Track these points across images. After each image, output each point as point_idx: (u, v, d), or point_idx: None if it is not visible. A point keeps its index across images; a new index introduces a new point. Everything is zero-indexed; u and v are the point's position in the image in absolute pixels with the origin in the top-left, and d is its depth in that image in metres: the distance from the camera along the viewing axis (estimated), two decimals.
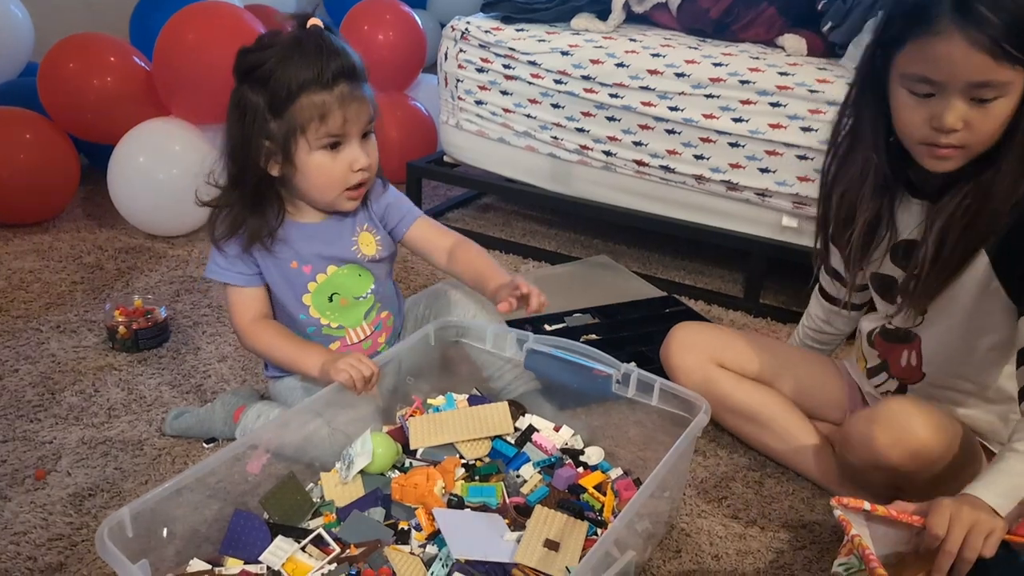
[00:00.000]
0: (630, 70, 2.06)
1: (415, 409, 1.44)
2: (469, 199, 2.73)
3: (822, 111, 1.86)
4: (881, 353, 1.37)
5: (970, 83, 1.04)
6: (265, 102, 1.27)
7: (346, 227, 1.42)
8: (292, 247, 1.37)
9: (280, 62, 1.25)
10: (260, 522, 1.15)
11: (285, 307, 1.41)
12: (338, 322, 1.43)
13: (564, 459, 1.38)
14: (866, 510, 0.98)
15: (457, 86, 2.37)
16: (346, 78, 1.28)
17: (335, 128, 1.28)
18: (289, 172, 1.32)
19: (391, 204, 1.47)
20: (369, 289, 1.45)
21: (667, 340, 1.55)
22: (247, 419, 1.42)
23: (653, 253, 2.37)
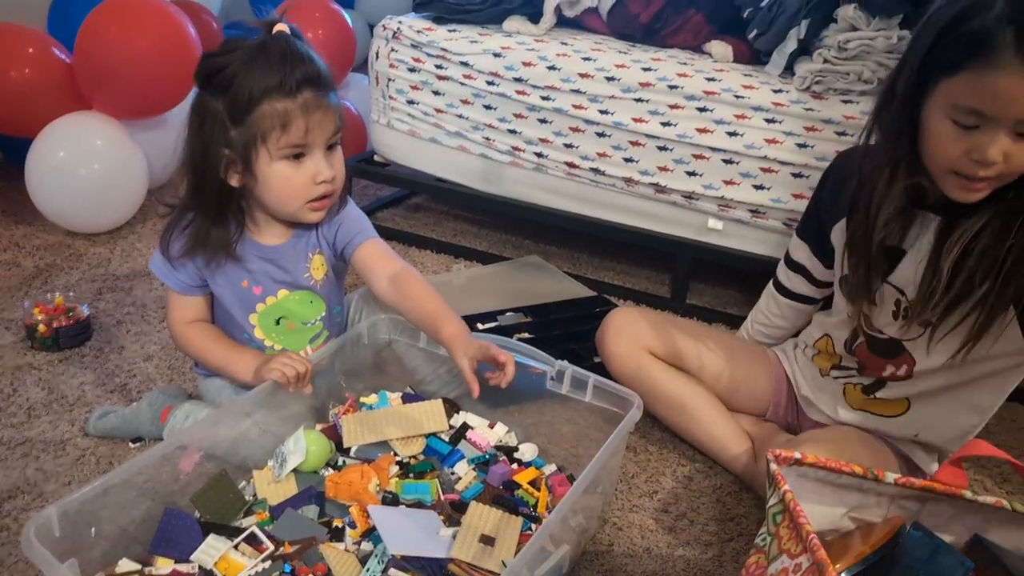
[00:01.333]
0: (561, 73, 2.09)
1: (348, 407, 1.43)
2: (399, 199, 2.72)
3: (747, 116, 1.92)
4: (864, 364, 1.37)
5: (1021, 119, 1.01)
6: (225, 109, 1.22)
7: (301, 252, 1.38)
8: (246, 266, 1.34)
9: (242, 67, 1.20)
10: (191, 521, 1.13)
11: (230, 323, 1.38)
12: (282, 345, 1.41)
13: (498, 456, 1.39)
14: (797, 458, 1.01)
15: (388, 85, 2.36)
16: (311, 86, 1.23)
17: (297, 138, 1.24)
18: (249, 183, 1.27)
19: (342, 225, 1.40)
20: (319, 316, 1.43)
21: (603, 324, 1.57)
22: (175, 419, 1.39)
23: (583, 254, 2.40)
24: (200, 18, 2.57)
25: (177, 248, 1.32)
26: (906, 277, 1.25)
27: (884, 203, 1.20)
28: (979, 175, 1.07)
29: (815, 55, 1.91)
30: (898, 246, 1.25)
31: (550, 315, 1.99)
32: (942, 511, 1.07)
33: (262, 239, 1.36)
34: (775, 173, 1.92)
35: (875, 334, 1.33)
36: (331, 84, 1.27)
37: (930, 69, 1.07)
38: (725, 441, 1.49)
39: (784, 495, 0.94)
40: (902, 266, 1.25)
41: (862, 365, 1.38)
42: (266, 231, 1.36)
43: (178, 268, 1.34)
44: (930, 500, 1.06)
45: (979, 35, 0.99)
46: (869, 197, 1.22)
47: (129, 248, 2.19)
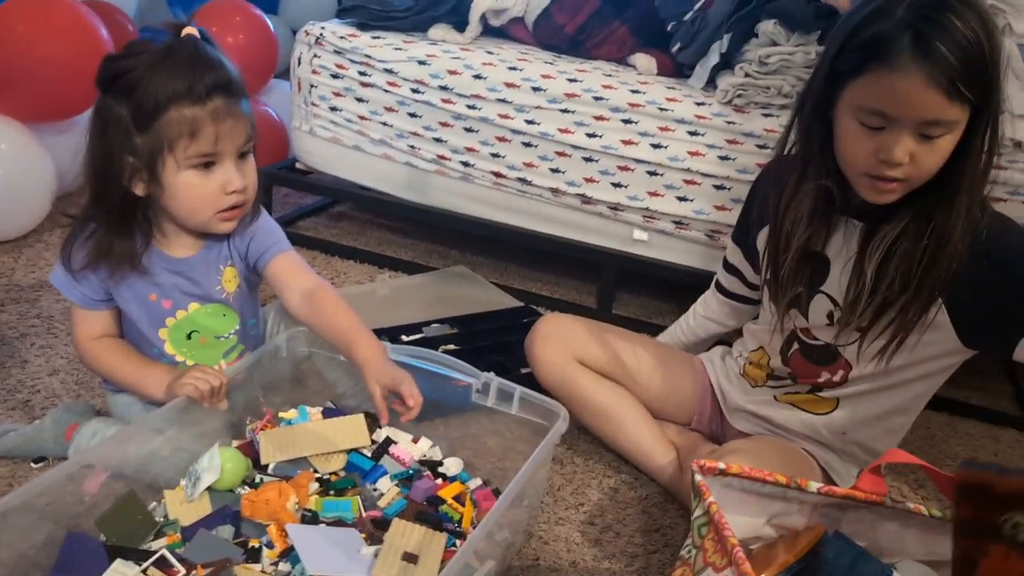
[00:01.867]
0: (487, 82, 2.07)
1: (266, 423, 1.38)
2: (322, 207, 2.66)
3: (671, 129, 1.93)
4: (796, 372, 1.38)
5: (923, 121, 1.05)
6: (130, 114, 1.17)
7: (212, 264, 1.32)
8: (153, 279, 1.28)
9: (148, 71, 1.15)
10: (96, 544, 1.07)
11: (138, 337, 1.32)
12: (194, 360, 1.35)
13: (422, 471, 1.36)
14: (721, 469, 1.01)
15: (311, 92, 2.32)
16: (221, 92, 1.18)
17: (207, 146, 1.19)
18: (156, 192, 1.22)
19: (255, 236, 1.35)
20: (233, 329, 1.38)
21: (532, 331, 1.56)
22: (81, 437, 1.32)
23: (510, 264, 2.39)
24: (114, 19, 2.47)
25: (79, 260, 1.26)
26: (835, 284, 1.27)
27: (793, 202, 1.25)
28: (887, 175, 1.10)
29: (736, 69, 1.94)
30: (822, 252, 1.28)
31: (476, 326, 1.96)
32: (862, 518, 1.09)
33: (171, 251, 1.30)
34: (698, 185, 1.94)
35: (810, 341, 1.34)
36: (243, 91, 1.23)
37: (838, 73, 1.11)
38: (650, 451, 1.49)
39: (709, 507, 0.93)
40: (832, 273, 1.27)
41: (795, 375, 1.39)
42: (175, 242, 1.30)
43: (81, 281, 1.27)
44: (851, 508, 1.07)
45: (879, 39, 1.05)
46: (779, 197, 1.27)
47: (35, 257, 2.09)
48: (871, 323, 1.21)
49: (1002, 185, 1.74)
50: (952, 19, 1.02)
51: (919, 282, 1.16)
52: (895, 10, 1.05)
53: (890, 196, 1.14)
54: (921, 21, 1.03)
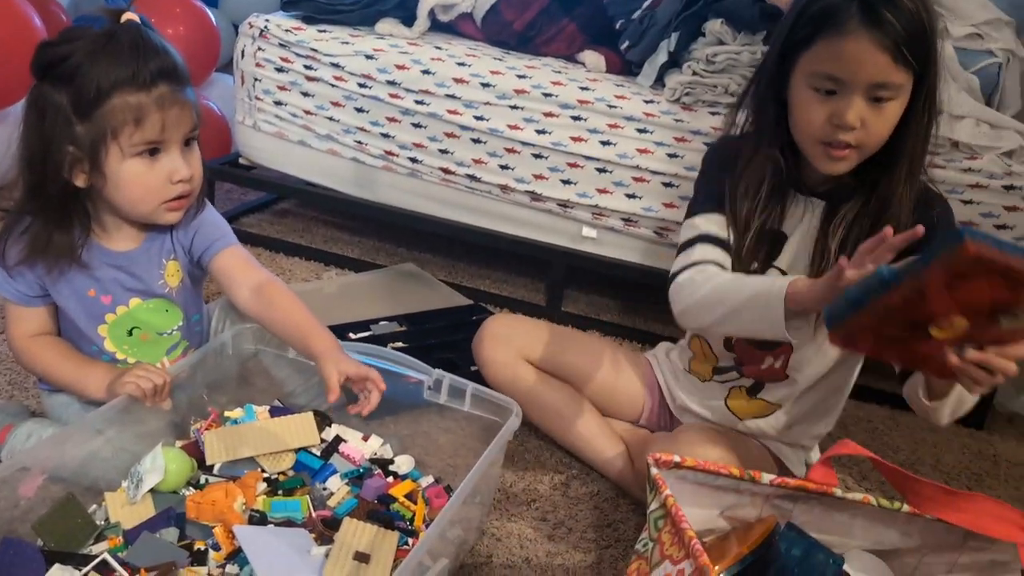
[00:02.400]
0: (436, 78, 2.06)
1: (211, 422, 1.34)
2: (266, 203, 2.60)
3: (620, 126, 1.94)
4: (740, 357, 1.39)
5: (871, 83, 1.11)
6: (70, 102, 1.12)
7: (154, 257, 1.28)
8: (93, 273, 1.24)
9: (89, 57, 1.11)
10: (33, 550, 1.03)
11: (77, 335, 1.28)
12: (136, 357, 1.31)
13: (373, 469, 1.34)
14: (676, 462, 1.01)
15: (255, 85, 2.27)
16: (166, 79, 1.15)
17: (153, 134, 1.15)
18: (98, 182, 1.17)
19: (199, 230, 1.32)
20: (176, 326, 1.34)
21: (480, 331, 1.55)
22: (15, 440, 1.26)
23: (459, 262, 2.37)
24: (47, 8, 2.40)
25: (14, 256, 1.20)
26: (787, 260, 1.30)
27: (746, 178, 1.27)
28: (840, 139, 1.15)
29: (684, 67, 1.95)
30: (779, 229, 1.30)
31: (425, 324, 1.95)
32: (812, 509, 1.10)
33: (111, 244, 1.26)
34: (647, 182, 1.95)
35: None
36: (187, 78, 1.20)
37: (791, 46, 1.18)
38: (600, 447, 1.49)
39: (665, 500, 0.93)
40: (786, 250, 1.30)
41: (739, 361, 1.40)
42: (115, 235, 1.26)
43: (16, 278, 1.22)
44: (802, 499, 1.08)
45: (829, 9, 1.12)
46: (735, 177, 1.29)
47: None
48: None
49: (940, 184, 1.78)
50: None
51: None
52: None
53: (843, 164, 1.18)
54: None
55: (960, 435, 1.85)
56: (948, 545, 1.13)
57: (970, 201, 1.79)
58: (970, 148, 1.81)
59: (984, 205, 1.79)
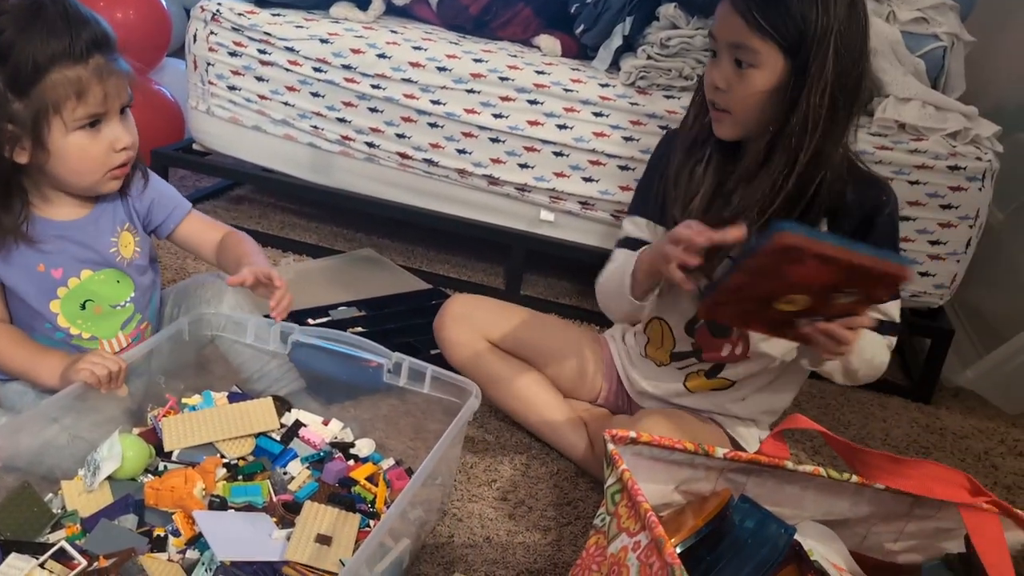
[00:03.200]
0: (392, 62, 2.05)
1: (169, 409, 1.34)
2: (221, 189, 2.58)
3: (576, 109, 1.95)
4: (699, 343, 1.41)
5: (728, 42, 1.20)
6: (4, 80, 1.11)
7: (105, 226, 1.28)
8: (40, 248, 1.22)
9: (20, 33, 1.10)
10: None
11: (28, 315, 1.26)
12: (91, 332, 1.30)
13: (333, 453, 1.35)
14: (632, 438, 1.03)
15: (208, 70, 2.24)
16: (100, 50, 1.15)
17: (95, 106, 1.16)
18: (41, 158, 1.16)
19: (155, 200, 1.35)
20: (128, 297, 1.32)
21: (441, 311, 1.56)
22: None
23: (417, 247, 2.37)
24: None
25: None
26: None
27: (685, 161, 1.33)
28: (712, 99, 1.25)
29: (639, 51, 1.97)
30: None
31: (384, 308, 1.95)
32: (765, 481, 1.13)
33: (55, 216, 1.25)
34: (603, 166, 1.97)
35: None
36: (117, 46, 1.20)
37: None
38: (560, 427, 1.51)
39: (622, 474, 0.95)
40: None
41: (699, 349, 1.42)
42: (58, 207, 1.25)
43: None
44: (755, 472, 1.11)
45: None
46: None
47: None
48: None
49: (888, 165, 1.83)
50: None
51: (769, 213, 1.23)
52: None
53: (722, 127, 1.26)
54: None
55: (908, 409, 1.90)
56: (896, 514, 1.16)
57: (916, 181, 1.84)
58: (916, 130, 1.85)
59: (930, 185, 1.83)
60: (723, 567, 1.01)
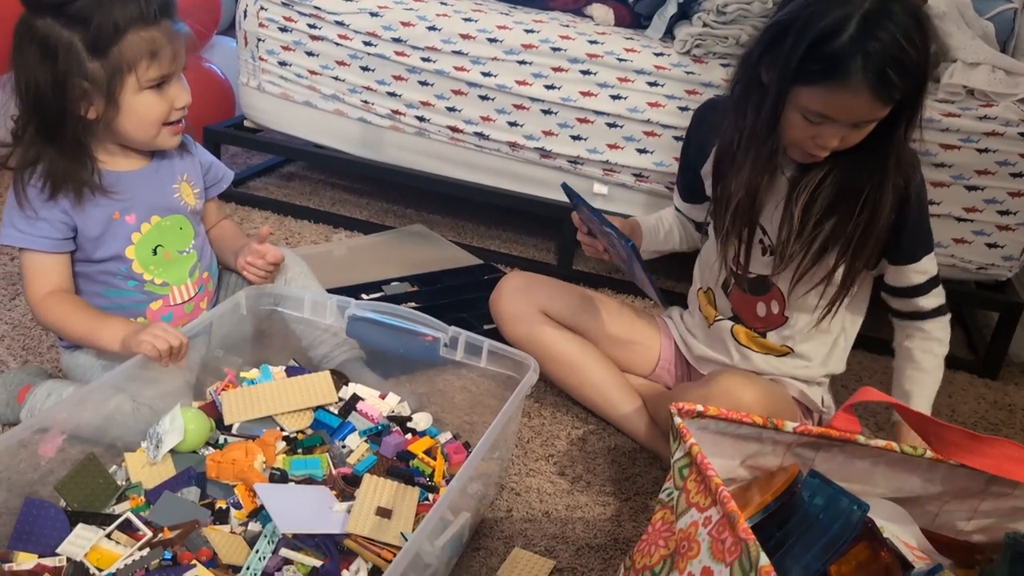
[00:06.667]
0: (442, 34, 2.03)
1: (228, 383, 1.34)
2: (273, 166, 2.59)
3: (630, 79, 1.92)
4: (735, 306, 1.44)
5: (859, 120, 1.19)
6: (84, 40, 1.15)
7: (166, 175, 1.33)
8: (114, 196, 1.26)
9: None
10: (56, 511, 1.03)
11: (105, 265, 1.28)
12: (162, 278, 1.32)
13: (391, 426, 1.34)
14: (699, 411, 1.01)
15: (258, 46, 2.24)
16: (166, 14, 1.21)
17: (166, 66, 1.22)
18: (111, 114, 1.21)
19: (215, 163, 1.45)
20: (192, 243, 1.36)
21: (498, 287, 1.56)
22: (35, 399, 1.27)
23: (468, 222, 2.36)
24: None
25: (36, 196, 1.21)
26: (768, 218, 1.36)
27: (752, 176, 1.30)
28: (819, 155, 1.24)
29: (694, 19, 1.92)
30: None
31: (437, 283, 1.94)
32: (834, 456, 1.10)
33: (120, 167, 1.29)
34: (658, 137, 1.93)
35: (746, 274, 1.40)
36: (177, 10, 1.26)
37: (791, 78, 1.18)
38: (617, 401, 1.49)
39: (690, 448, 0.93)
40: (766, 209, 1.35)
41: (736, 312, 1.44)
42: (122, 160, 1.30)
43: (39, 224, 1.22)
44: (824, 447, 1.08)
45: (836, 57, 1.13)
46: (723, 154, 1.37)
47: None
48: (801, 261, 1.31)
49: (955, 132, 1.77)
50: (898, 38, 1.11)
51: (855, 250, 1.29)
52: (847, 27, 1.12)
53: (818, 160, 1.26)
54: (870, 40, 1.11)
55: (975, 385, 1.85)
56: (970, 492, 1.13)
57: (985, 149, 1.77)
58: (985, 95, 1.78)
59: (1000, 153, 1.76)
60: (793, 543, 0.98)
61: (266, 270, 1.39)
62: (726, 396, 1.24)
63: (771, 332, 1.42)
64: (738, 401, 1.22)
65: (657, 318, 1.59)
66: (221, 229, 1.48)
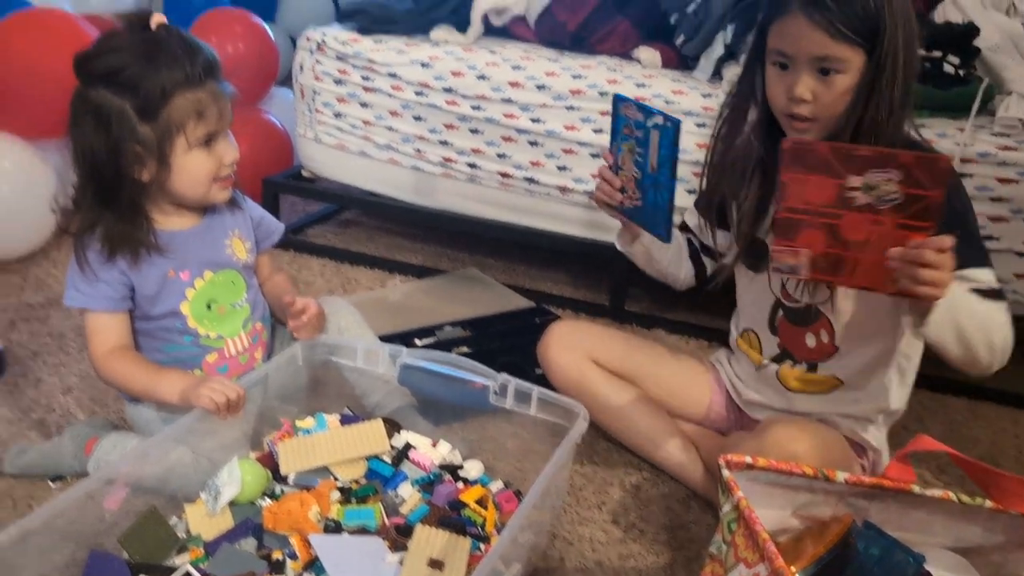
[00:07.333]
0: (491, 82, 2.06)
1: (284, 433, 1.37)
2: (330, 214, 2.65)
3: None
4: (784, 340, 1.40)
5: (813, 56, 1.19)
6: (134, 107, 1.21)
7: (218, 231, 1.38)
8: (168, 255, 1.31)
9: (146, 65, 1.20)
10: (120, 563, 1.07)
11: (161, 322, 1.33)
12: (216, 331, 1.36)
13: (443, 475, 1.35)
14: (748, 463, 1.00)
15: (314, 98, 2.31)
16: (211, 74, 1.26)
17: (212, 124, 1.27)
18: (164, 174, 1.27)
19: (265, 217, 1.50)
20: (244, 296, 1.40)
21: (545, 336, 1.56)
22: (101, 450, 1.32)
23: (520, 264, 2.38)
24: None
25: (95, 258, 1.27)
26: None
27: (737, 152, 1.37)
28: (796, 112, 1.23)
29: (742, 59, 1.92)
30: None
31: (489, 328, 1.96)
32: (889, 506, 1.07)
33: (174, 226, 1.34)
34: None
35: (792, 304, 1.37)
36: (222, 70, 1.31)
37: (761, 35, 1.27)
38: (669, 449, 1.48)
39: (738, 502, 0.92)
40: None
41: (785, 347, 1.40)
42: (176, 219, 1.35)
43: (98, 284, 1.28)
44: (878, 496, 1.06)
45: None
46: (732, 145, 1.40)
47: (43, 275, 2.09)
48: None
49: (1012, 166, 1.73)
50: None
51: None
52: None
53: (808, 136, 1.24)
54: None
55: None
56: None
57: None
58: None
59: None
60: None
61: (312, 325, 1.41)
62: (779, 448, 1.22)
63: (822, 364, 1.38)
64: (791, 453, 1.19)
65: (706, 362, 1.58)
66: (274, 284, 1.52)
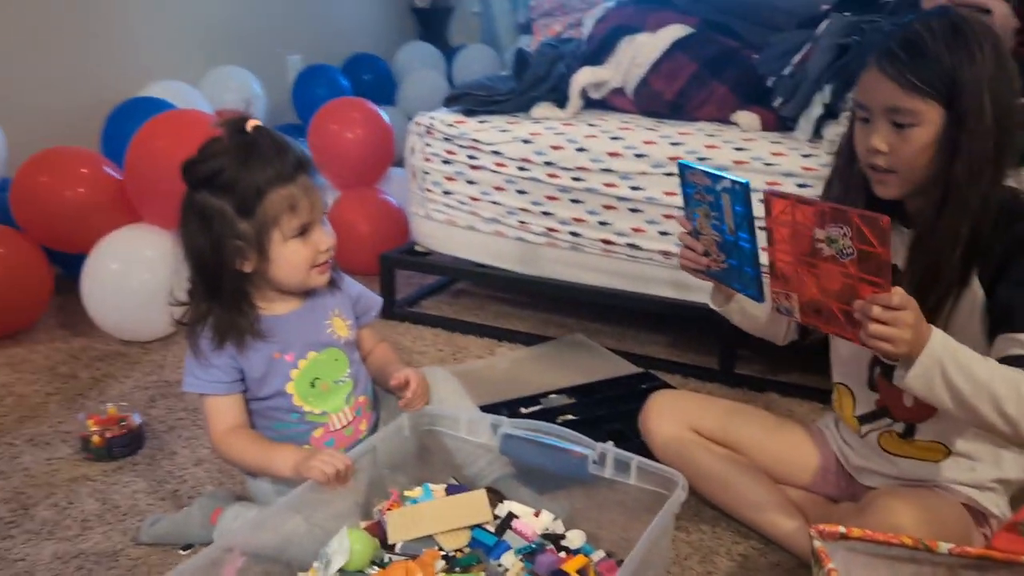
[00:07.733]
0: (591, 154, 2.12)
1: (392, 502, 1.43)
2: (442, 286, 2.75)
3: (779, 183, 1.92)
4: (883, 397, 1.37)
5: (885, 107, 1.19)
6: (232, 206, 1.31)
7: (319, 312, 1.46)
8: (272, 339, 1.40)
9: (242, 167, 1.30)
10: None
11: (270, 401, 1.42)
12: (321, 407, 1.44)
13: (545, 544, 1.37)
14: (842, 533, 0.98)
15: (424, 178, 2.42)
16: (302, 169, 1.35)
17: (305, 216, 1.35)
18: (264, 265, 1.36)
19: (363, 294, 1.56)
20: (346, 372, 1.47)
21: (645, 407, 1.57)
22: (225, 520, 1.40)
23: (627, 329, 2.39)
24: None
25: (207, 347, 1.38)
26: None
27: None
28: (873, 163, 1.23)
29: (842, 117, 1.91)
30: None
31: (595, 395, 1.97)
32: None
33: (277, 311, 1.43)
34: None
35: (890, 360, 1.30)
36: (313, 164, 1.40)
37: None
38: (776, 520, 1.44)
39: (828, 573, 0.90)
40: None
41: (886, 405, 1.35)
42: (279, 304, 1.43)
43: (214, 367, 1.38)
44: (990, 568, 1.01)
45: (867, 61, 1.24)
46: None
47: (181, 353, 2.24)
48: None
49: None
50: (915, 24, 1.18)
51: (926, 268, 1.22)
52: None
53: (887, 188, 1.24)
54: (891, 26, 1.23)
55: None
56: None
57: None
58: None
59: None
60: None
61: (418, 396, 1.47)
62: (882, 519, 1.18)
63: (922, 425, 1.32)
64: (895, 525, 1.15)
65: (813, 427, 1.54)
66: (375, 357, 1.59)
